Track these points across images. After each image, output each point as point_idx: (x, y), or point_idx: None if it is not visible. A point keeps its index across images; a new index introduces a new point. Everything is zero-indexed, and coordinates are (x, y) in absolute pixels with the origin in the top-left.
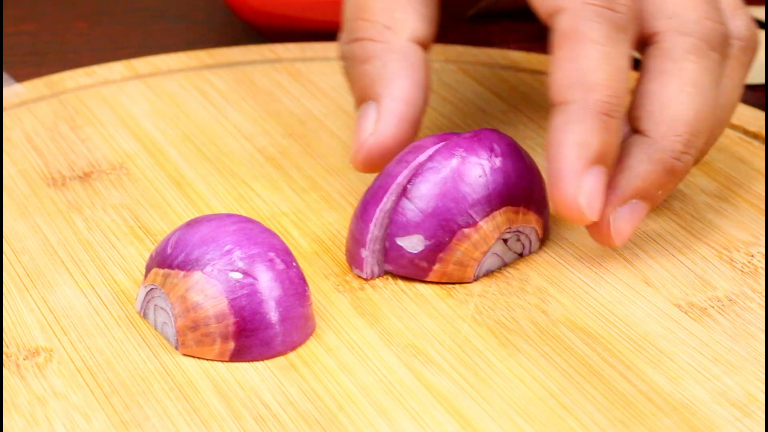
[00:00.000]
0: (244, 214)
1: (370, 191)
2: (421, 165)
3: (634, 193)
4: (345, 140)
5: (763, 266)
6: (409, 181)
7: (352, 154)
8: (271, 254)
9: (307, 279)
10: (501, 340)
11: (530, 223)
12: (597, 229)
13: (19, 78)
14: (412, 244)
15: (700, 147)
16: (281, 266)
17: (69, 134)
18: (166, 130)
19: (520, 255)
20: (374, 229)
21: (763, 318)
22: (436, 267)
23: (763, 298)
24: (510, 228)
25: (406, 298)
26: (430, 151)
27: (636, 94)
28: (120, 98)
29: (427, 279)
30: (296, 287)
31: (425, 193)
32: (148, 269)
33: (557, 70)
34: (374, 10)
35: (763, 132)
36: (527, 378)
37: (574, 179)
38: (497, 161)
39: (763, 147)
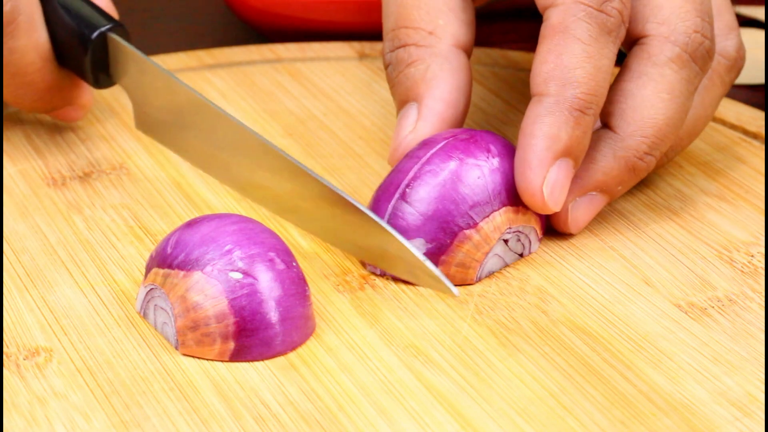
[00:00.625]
0: (244, 214)
1: (382, 187)
2: (419, 169)
3: (595, 185)
4: (345, 140)
5: (763, 266)
6: (407, 185)
7: (390, 152)
8: (271, 254)
9: (307, 279)
10: (501, 340)
11: (530, 223)
12: (555, 216)
13: None
14: (414, 247)
15: (664, 151)
16: (281, 266)
17: (69, 134)
18: None
19: (521, 255)
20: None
21: (763, 318)
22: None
23: (763, 298)
24: (510, 228)
25: (406, 298)
26: (428, 155)
27: (612, 91)
28: (120, 98)
29: None
30: (296, 287)
31: (424, 196)
32: (148, 269)
33: (539, 62)
34: (416, 17)
35: (763, 132)
36: (527, 378)
37: (540, 170)
38: (495, 162)
39: (763, 147)
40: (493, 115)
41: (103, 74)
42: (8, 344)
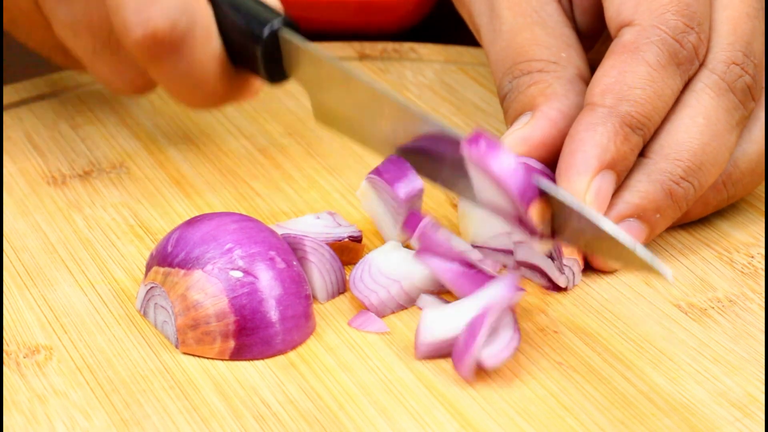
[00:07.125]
0: (244, 213)
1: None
2: None
3: (631, 210)
4: (345, 140)
5: (763, 267)
6: None
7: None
8: (272, 253)
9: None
10: None
11: (572, 254)
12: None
13: (19, 78)
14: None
15: (705, 181)
16: (282, 265)
17: (69, 133)
18: (166, 129)
19: (564, 288)
20: None
21: (763, 319)
22: None
23: (763, 299)
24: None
25: None
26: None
27: None
28: (120, 97)
29: None
30: (296, 286)
31: None
32: (149, 268)
33: (601, 75)
34: (538, 53)
35: None
36: (527, 378)
37: (585, 176)
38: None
39: None
40: (493, 116)
41: (277, 69)
42: (8, 342)
